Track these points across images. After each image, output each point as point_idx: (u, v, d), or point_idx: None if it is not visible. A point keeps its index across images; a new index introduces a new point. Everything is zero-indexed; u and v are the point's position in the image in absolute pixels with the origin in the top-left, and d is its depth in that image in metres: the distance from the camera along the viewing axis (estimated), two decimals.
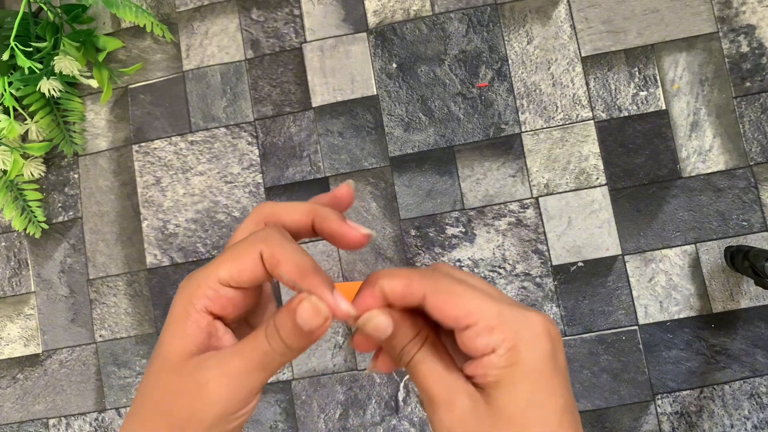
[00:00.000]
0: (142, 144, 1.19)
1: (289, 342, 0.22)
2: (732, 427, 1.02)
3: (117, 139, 1.20)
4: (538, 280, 1.07)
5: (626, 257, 1.06)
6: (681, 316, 1.04)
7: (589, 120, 1.09)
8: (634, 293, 1.05)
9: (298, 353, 0.23)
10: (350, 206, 0.26)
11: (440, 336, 0.24)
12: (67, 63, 1.04)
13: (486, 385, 0.22)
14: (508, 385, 0.21)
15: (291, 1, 1.19)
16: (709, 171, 1.06)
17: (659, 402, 1.03)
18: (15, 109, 1.10)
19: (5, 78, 1.08)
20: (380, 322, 0.22)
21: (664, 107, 1.08)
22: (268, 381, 0.23)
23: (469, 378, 0.23)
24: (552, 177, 1.09)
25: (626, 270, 1.06)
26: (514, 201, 1.09)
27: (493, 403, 0.21)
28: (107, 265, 1.17)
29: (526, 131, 1.10)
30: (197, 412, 0.21)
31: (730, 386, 1.02)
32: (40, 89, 1.06)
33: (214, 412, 0.21)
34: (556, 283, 1.07)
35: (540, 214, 1.08)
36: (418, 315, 0.24)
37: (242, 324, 0.26)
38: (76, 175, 1.20)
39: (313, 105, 1.15)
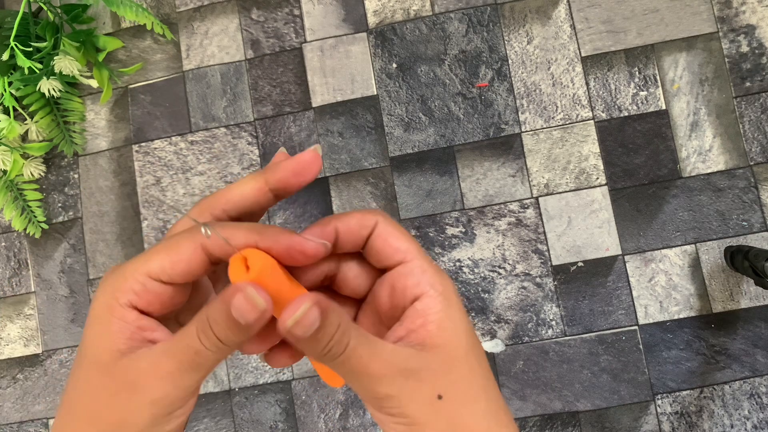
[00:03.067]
0: (142, 144, 1.19)
1: (223, 338, 0.19)
2: (732, 427, 1.02)
3: (117, 139, 1.20)
4: (538, 280, 1.07)
5: (626, 257, 1.06)
6: (681, 316, 1.04)
7: (589, 120, 1.09)
8: (634, 293, 1.05)
9: (235, 349, 0.21)
10: (315, 177, 0.24)
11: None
12: (67, 63, 1.04)
13: (427, 335, 0.22)
14: (449, 328, 0.22)
15: (291, 1, 1.19)
16: (709, 171, 1.06)
17: (659, 402, 1.03)
18: (15, 109, 1.10)
19: (5, 78, 1.08)
20: (310, 317, 0.19)
21: (664, 107, 1.08)
22: (204, 379, 0.21)
23: (401, 340, 0.22)
24: (552, 177, 1.09)
25: (626, 270, 1.06)
26: (514, 201, 1.09)
27: (439, 352, 0.21)
28: (107, 265, 1.17)
29: (526, 131, 1.10)
30: (129, 416, 0.20)
31: (730, 386, 1.02)
32: (40, 89, 1.06)
33: (147, 416, 0.20)
34: (556, 283, 1.07)
35: (540, 214, 1.08)
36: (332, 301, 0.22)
37: (172, 322, 0.23)
38: (76, 175, 1.20)
39: (313, 105, 1.15)
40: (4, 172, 1.12)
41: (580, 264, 1.07)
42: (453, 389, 0.21)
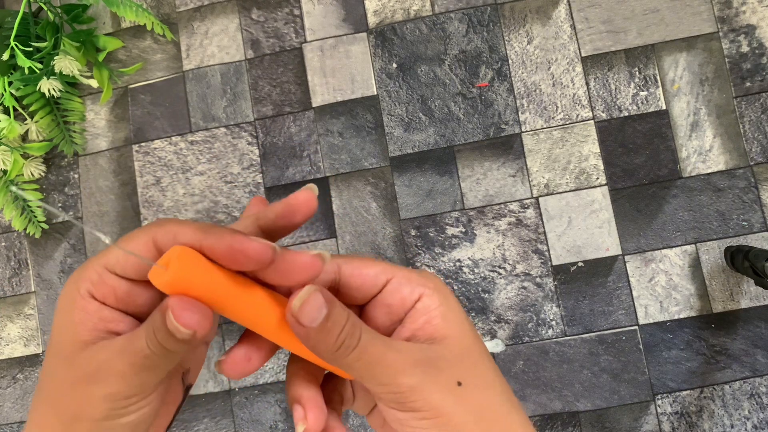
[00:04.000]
0: (142, 144, 1.19)
1: (168, 347, 0.19)
2: (732, 427, 1.02)
3: (117, 139, 1.20)
4: (538, 280, 1.07)
5: (626, 257, 1.06)
6: (681, 316, 1.04)
7: (589, 120, 1.09)
8: (634, 293, 1.05)
9: (187, 353, 0.21)
10: (309, 218, 0.22)
11: None
12: (67, 63, 1.04)
13: (434, 330, 0.22)
14: (453, 319, 0.22)
15: (291, 1, 1.19)
16: (709, 171, 1.06)
17: (659, 402, 1.03)
18: (15, 109, 1.10)
19: (5, 78, 1.08)
20: (315, 301, 0.19)
21: (664, 107, 1.08)
22: (164, 378, 0.21)
23: (409, 338, 0.23)
24: (552, 177, 1.09)
25: (626, 270, 1.06)
26: (514, 201, 1.09)
27: (449, 343, 0.22)
28: None
29: (526, 131, 1.10)
30: (86, 407, 0.20)
31: (730, 386, 1.02)
32: (40, 89, 1.06)
33: (102, 408, 0.20)
34: (556, 283, 1.07)
35: (540, 214, 1.08)
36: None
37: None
38: (76, 175, 1.20)
39: (313, 105, 1.15)
40: (4, 172, 1.12)
41: (580, 264, 1.07)
42: (470, 376, 0.22)
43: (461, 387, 0.21)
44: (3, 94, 1.08)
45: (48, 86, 1.05)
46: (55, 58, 1.05)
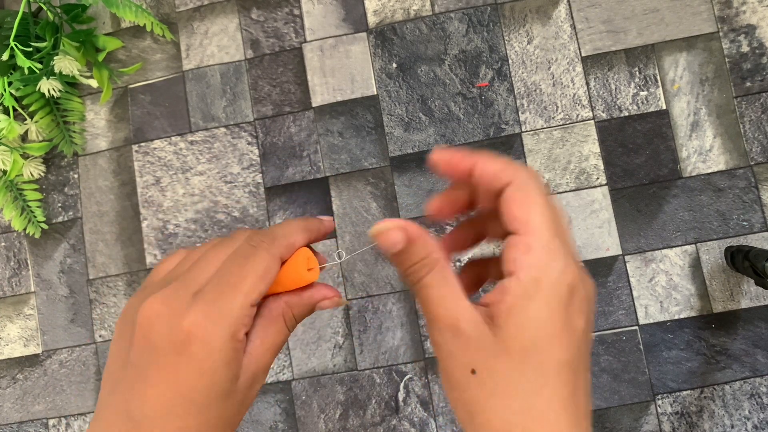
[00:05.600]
0: (142, 144, 1.19)
1: (298, 323, 0.25)
2: (732, 427, 1.02)
3: (117, 139, 1.20)
4: None
5: (626, 257, 1.06)
6: (681, 316, 1.04)
7: (589, 120, 1.09)
8: (635, 293, 1.05)
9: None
10: (325, 236, 0.28)
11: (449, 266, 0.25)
12: (66, 63, 1.04)
13: (497, 313, 0.21)
14: (520, 315, 0.21)
15: (291, 1, 1.18)
16: (710, 171, 1.06)
17: (659, 402, 1.03)
18: (15, 109, 1.10)
19: (5, 78, 1.08)
20: (392, 235, 0.23)
21: (664, 107, 1.08)
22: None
23: (483, 307, 0.22)
24: (552, 177, 1.09)
25: (626, 270, 1.06)
26: None
27: (498, 334, 0.21)
28: (107, 265, 1.17)
29: (527, 131, 1.10)
30: (242, 413, 0.24)
31: (730, 386, 1.02)
32: (39, 89, 1.06)
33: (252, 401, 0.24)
34: None
35: None
36: (433, 240, 0.24)
37: None
38: (75, 175, 1.20)
39: (313, 105, 1.15)
40: (4, 172, 1.12)
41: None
42: (484, 368, 0.22)
43: (474, 375, 0.21)
44: (3, 94, 1.08)
45: (48, 86, 1.05)
46: (54, 58, 1.05)
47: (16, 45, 1.03)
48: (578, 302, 0.21)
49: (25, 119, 1.15)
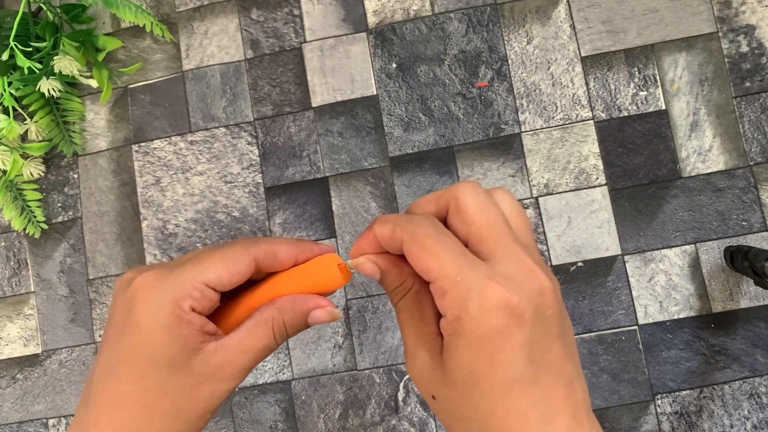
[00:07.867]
0: (142, 144, 1.19)
1: (290, 334, 0.25)
2: (732, 427, 1.02)
3: (117, 139, 1.20)
4: None
5: (626, 257, 1.06)
6: (681, 316, 1.04)
7: (588, 120, 1.09)
8: (634, 293, 1.05)
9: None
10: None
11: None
12: (66, 63, 1.04)
13: (445, 344, 0.22)
14: (454, 351, 0.22)
15: (291, 1, 1.19)
16: (709, 171, 1.06)
17: (659, 402, 1.03)
18: (14, 109, 1.10)
19: (5, 78, 1.08)
20: (367, 268, 0.25)
21: (663, 107, 1.08)
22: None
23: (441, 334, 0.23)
24: (552, 177, 1.09)
25: (626, 270, 1.06)
26: None
27: (445, 365, 0.22)
28: (107, 265, 1.17)
29: (526, 131, 1.10)
30: (211, 404, 0.24)
31: (729, 386, 1.02)
32: (39, 89, 1.06)
33: (223, 400, 0.25)
34: None
35: (540, 214, 1.08)
36: (408, 266, 0.25)
37: None
38: (75, 175, 1.20)
39: (313, 105, 1.15)
40: (4, 172, 1.12)
41: (579, 264, 1.07)
42: (441, 395, 0.24)
43: (435, 400, 0.23)
44: (2, 94, 1.08)
45: (47, 86, 1.05)
46: (54, 58, 1.05)
47: (15, 45, 1.03)
48: (514, 315, 0.21)
49: (25, 119, 1.15)
